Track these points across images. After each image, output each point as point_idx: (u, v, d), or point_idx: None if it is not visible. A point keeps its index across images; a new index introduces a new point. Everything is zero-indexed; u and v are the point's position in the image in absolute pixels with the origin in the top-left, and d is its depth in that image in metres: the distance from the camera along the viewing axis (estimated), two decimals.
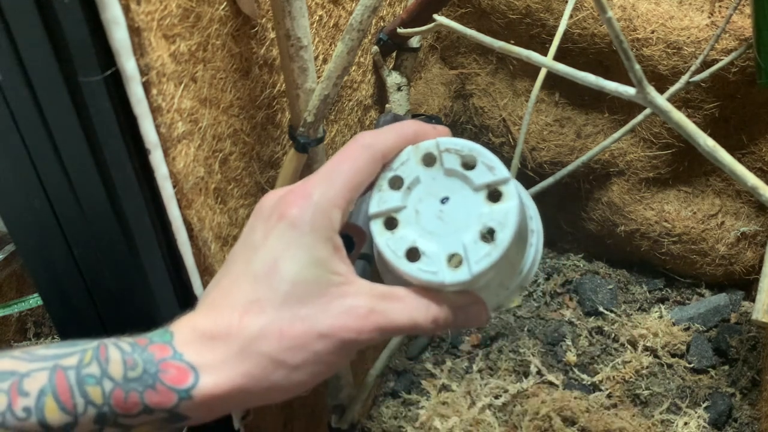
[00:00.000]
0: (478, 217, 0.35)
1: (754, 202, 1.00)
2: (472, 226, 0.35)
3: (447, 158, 0.37)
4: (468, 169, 0.36)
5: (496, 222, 0.35)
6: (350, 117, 0.83)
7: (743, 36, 0.83)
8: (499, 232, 0.35)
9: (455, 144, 0.37)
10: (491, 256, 0.34)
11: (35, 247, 0.51)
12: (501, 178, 0.35)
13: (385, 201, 0.37)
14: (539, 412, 0.89)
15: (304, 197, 0.35)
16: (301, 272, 0.33)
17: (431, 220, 0.36)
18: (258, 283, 0.34)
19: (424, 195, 0.37)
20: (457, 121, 1.10)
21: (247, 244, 0.36)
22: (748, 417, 0.89)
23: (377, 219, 0.37)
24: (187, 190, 0.49)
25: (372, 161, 0.36)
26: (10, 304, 0.92)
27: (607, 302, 1.04)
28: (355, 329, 0.34)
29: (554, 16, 0.92)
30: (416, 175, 0.37)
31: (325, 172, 0.36)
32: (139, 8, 0.40)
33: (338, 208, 0.35)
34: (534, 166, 1.05)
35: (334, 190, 0.35)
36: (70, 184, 0.45)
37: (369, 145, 0.37)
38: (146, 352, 0.32)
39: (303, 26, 0.52)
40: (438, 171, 0.37)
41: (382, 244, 0.37)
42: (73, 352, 0.32)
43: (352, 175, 0.36)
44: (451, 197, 0.36)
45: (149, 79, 0.43)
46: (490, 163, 0.36)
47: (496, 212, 0.35)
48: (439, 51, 1.06)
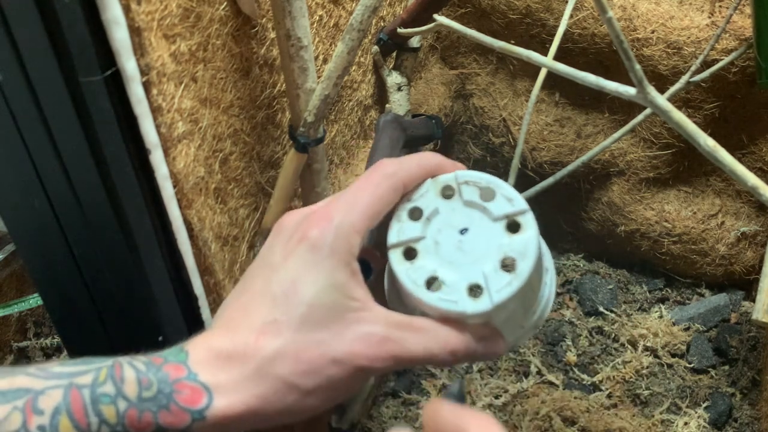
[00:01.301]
0: (498, 247, 0.36)
1: (755, 202, 1.00)
2: (492, 256, 0.36)
3: (466, 190, 0.37)
4: (486, 201, 0.37)
5: (517, 252, 0.35)
6: (350, 117, 0.83)
7: (743, 36, 0.83)
8: (520, 261, 0.35)
9: (474, 176, 0.37)
10: (512, 285, 0.35)
11: (35, 247, 0.51)
12: (520, 209, 0.36)
13: (404, 231, 0.38)
14: (539, 412, 0.89)
15: (326, 220, 0.35)
16: (318, 295, 0.34)
17: (451, 250, 0.37)
18: (276, 304, 0.34)
19: (444, 226, 0.37)
20: (457, 121, 1.10)
21: (266, 263, 0.36)
22: (749, 417, 0.89)
23: (396, 249, 0.37)
24: (187, 190, 0.49)
25: (393, 190, 0.37)
26: (10, 304, 0.92)
27: (607, 302, 1.04)
28: (370, 357, 0.34)
29: (554, 16, 0.92)
30: (435, 206, 0.38)
31: (346, 197, 0.36)
32: (140, 8, 0.40)
33: (358, 233, 0.35)
34: (534, 166, 1.05)
35: (355, 216, 0.35)
36: (70, 184, 0.45)
37: (391, 174, 0.37)
38: (161, 372, 0.32)
39: (303, 26, 0.52)
40: (457, 202, 0.37)
41: (402, 274, 0.37)
42: (87, 370, 0.32)
43: (373, 202, 0.36)
44: (470, 228, 0.37)
45: (149, 79, 0.43)
46: (509, 195, 0.36)
47: (516, 242, 0.35)
48: (439, 51, 1.06)
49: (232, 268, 0.59)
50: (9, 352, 1.03)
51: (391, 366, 0.34)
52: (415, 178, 0.38)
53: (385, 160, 0.38)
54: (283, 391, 0.33)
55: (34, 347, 1.03)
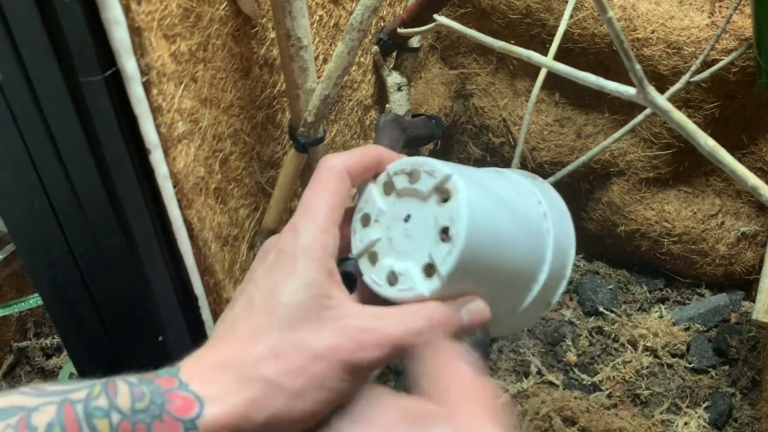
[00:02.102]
0: (434, 220, 0.36)
1: (755, 202, 1.00)
2: (431, 231, 0.36)
3: (397, 180, 0.38)
4: (415, 183, 0.37)
5: (449, 219, 0.35)
6: (350, 117, 0.83)
7: (743, 36, 0.83)
8: (453, 227, 0.35)
9: (400, 165, 0.38)
10: (453, 252, 0.35)
11: (35, 247, 0.51)
12: (442, 178, 0.36)
13: (361, 240, 0.39)
14: (539, 412, 0.89)
15: (292, 230, 0.37)
16: (294, 296, 0.35)
17: (401, 241, 0.38)
18: (257, 312, 0.35)
19: (391, 221, 0.38)
20: (457, 121, 1.10)
21: (249, 280, 0.38)
22: (749, 417, 0.89)
23: (362, 258, 0.39)
24: (187, 190, 0.49)
25: (339, 180, 0.38)
26: (10, 304, 0.92)
27: (608, 302, 1.04)
28: (350, 348, 0.34)
29: (554, 16, 0.92)
30: (379, 207, 0.39)
31: (303, 204, 0.38)
32: (140, 8, 0.40)
33: (326, 232, 0.37)
34: (534, 166, 1.05)
35: (316, 217, 0.37)
36: (70, 184, 0.45)
37: (333, 166, 0.39)
38: (153, 384, 0.33)
39: (303, 26, 0.52)
40: (394, 195, 0.39)
41: (368, 280, 0.39)
42: (81, 387, 0.33)
43: (326, 198, 0.38)
44: (411, 214, 0.38)
45: (149, 78, 0.43)
46: (429, 168, 0.37)
47: (447, 210, 0.36)
48: (440, 51, 1.06)
49: (232, 268, 0.59)
50: (9, 352, 1.03)
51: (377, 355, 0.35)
52: (359, 166, 0.39)
53: (327, 155, 0.40)
54: (270, 393, 0.33)
55: (34, 347, 1.03)
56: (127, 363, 0.57)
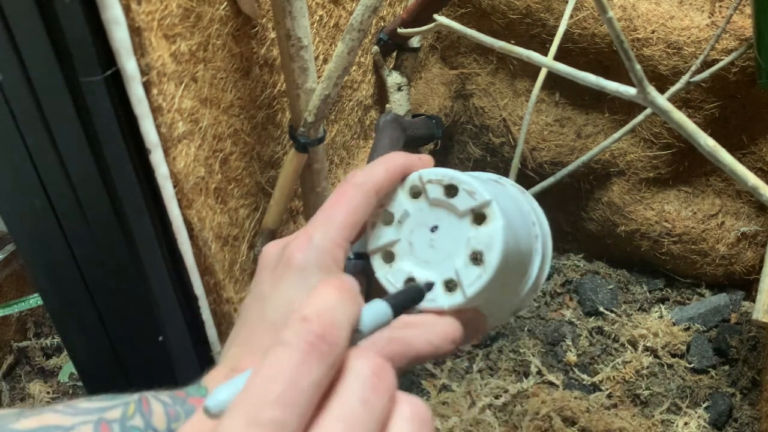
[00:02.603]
0: (467, 241, 0.37)
1: (755, 202, 1.00)
2: (461, 250, 0.37)
3: (431, 189, 0.38)
4: (451, 197, 0.38)
5: (483, 245, 0.36)
6: (350, 117, 0.83)
7: (743, 36, 0.83)
8: (487, 254, 0.36)
9: (436, 174, 0.38)
10: (482, 278, 0.36)
11: (35, 247, 0.51)
12: (482, 202, 0.36)
13: (379, 237, 0.39)
14: (539, 412, 0.89)
15: (306, 241, 0.36)
16: None
17: (424, 249, 0.38)
18: (276, 328, 0.34)
19: (415, 226, 0.39)
20: (457, 121, 1.10)
21: (257, 295, 0.37)
22: (749, 417, 0.89)
23: (375, 255, 0.39)
24: (187, 189, 0.49)
25: (366, 198, 0.38)
26: (10, 304, 0.92)
27: (608, 302, 1.04)
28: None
29: (554, 16, 0.92)
30: (405, 208, 0.39)
31: (322, 215, 0.37)
32: (140, 8, 0.40)
33: (339, 247, 0.36)
34: (534, 166, 1.05)
35: (334, 231, 0.36)
36: (70, 184, 0.45)
37: (361, 184, 0.38)
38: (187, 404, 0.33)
39: (303, 26, 0.52)
40: (424, 202, 0.39)
41: (382, 278, 0.39)
42: (115, 405, 0.32)
43: (349, 214, 0.37)
44: (440, 225, 0.38)
45: (150, 78, 0.43)
46: (471, 189, 0.37)
47: (482, 235, 0.36)
48: (440, 51, 1.06)
49: (232, 268, 0.59)
50: (9, 352, 1.03)
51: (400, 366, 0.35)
52: (386, 183, 0.39)
53: (354, 171, 0.39)
54: None
55: (34, 347, 1.03)
56: (127, 363, 0.57)
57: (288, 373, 0.24)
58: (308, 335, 0.25)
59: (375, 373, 0.28)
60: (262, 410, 0.23)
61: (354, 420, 0.25)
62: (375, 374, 0.28)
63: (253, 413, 0.23)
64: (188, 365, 0.57)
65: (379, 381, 0.28)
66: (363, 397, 0.26)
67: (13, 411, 0.31)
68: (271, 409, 0.23)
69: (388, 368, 0.30)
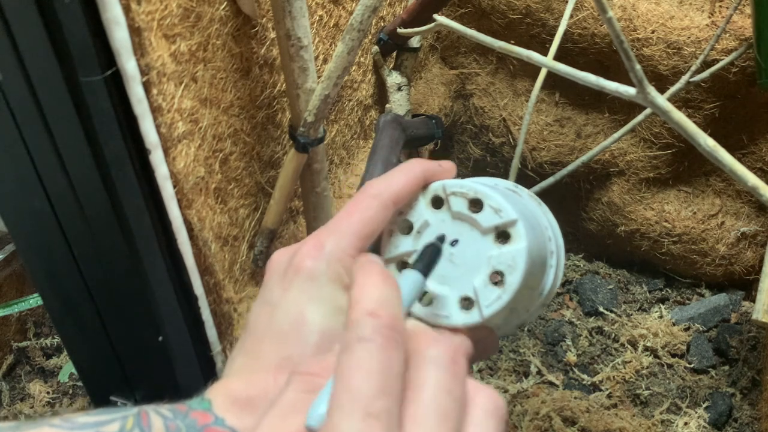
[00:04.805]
0: (488, 260, 0.35)
1: (755, 202, 1.00)
2: (481, 269, 0.35)
3: (454, 201, 0.37)
4: (475, 212, 0.36)
5: (506, 265, 0.34)
6: (350, 117, 0.83)
7: (743, 36, 0.83)
8: (509, 275, 0.34)
9: (461, 187, 0.37)
10: (501, 299, 0.34)
11: (35, 247, 0.51)
12: (508, 221, 0.35)
13: (396, 246, 0.38)
14: (539, 412, 0.89)
15: (318, 249, 0.35)
16: (326, 322, 0.33)
17: (442, 263, 0.36)
18: (285, 339, 0.33)
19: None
20: (457, 121, 1.10)
21: (266, 302, 0.35)
22: (749, 417, 0.89)
23: (390, 264, 0.38)
24: (187, 190, 0.49)
25: (382, 209, 0.36)
26: (10, 304, 0.92)
27: (607, 302, 1.04)
28: None
29: (554, 16, 0.92)
30: (425, 218, 0.37)
31: (336, 223, 0.36)
32: (140, 8, 0.40)
33: (351, 257, 0.35)
34: (534, 166, 1.05)
35: (346, 241, 0.35)
36: (70, 184, 0.45)
37: (378, 194, 0.36)
38: (188, 418, 0.32)
39: (303, 26, 0.52)
40: (446, 214, 0.37)
41: None
42: (113, 419, 0.31)
43: (363, 225, 0.36)
44: (460, 240, 0.36)
45: (150, 78, 0.43)
46: (497, 206, 0.35)
47: (504, 255, 0.35)
48: (439, 51, 1.06)
49: (232, 268, 0.59)
50: (9, 352, 1.03)
51: None
52: (405, 193, 0.37)
53: (372, 180, 0.37)
54: None
55: (34, 347, 1.03)
56: (127, 363, 0.57)
57: (378, 365, 0.26)
58: (382, 329, 0.26)
59: (453, 360, 0.29)
60: (371, 403, 0.25)
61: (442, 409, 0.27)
62: (453, 361, 0.29)
63: (364, 407, 0.25)
64: (188, 365, 0.57)
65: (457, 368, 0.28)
66: (447, 386, 0.28)
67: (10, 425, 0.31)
68: (378, 400, 0.25)
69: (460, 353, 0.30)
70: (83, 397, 0.97)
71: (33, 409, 0.96)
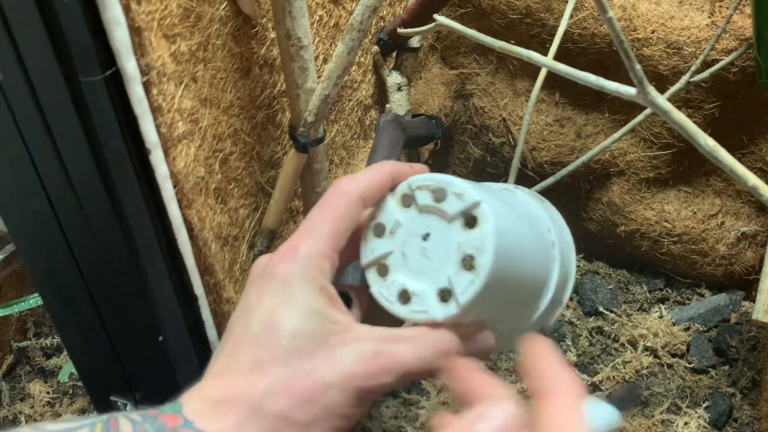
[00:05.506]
0: (458, 246, 0.35)
1: (755, 202, 1.00)
2: (453, 257, 0.35)
3: (420, 196, 0.37)
4: (440, 202, 0.36)
5: (474, 248, 0.34)
6: (350, 117, 0.83)
7: (743, 36, 0.83)
8: (478, 257, 0.34)
9: (425, 180, 0.37)
10: (475, 283, 0.34)
11: (35, 247, 0.51)
12: (471, 203, 0.35)
13: (372, 250, 0.38)
14: None
15: (291, 252, 0.35)
16: (299, 325, 0.33)
17: (417, 259, 0.36)
18: (258, 342, 0.34)
19: (407, 236, 0.37)
20: (457, 121, 1.10)
21: (244, 308, 0.36)
22: (749, 417, 0.89)
23: (370, 269, 0.38)
24: (187, 189, 0.49)
25: (351, 206, 0.37)
26: (10, 304, 0.92)
27: (607, 302, 1.04)
28: (364, 375, 0.33)
29: (554, 16, 0.92)
30: (395, 218, 0.37)
31: (307, 225, 0.36)
32: (140, 8, 0.40)
33: (326, 258, 0.35)
34: (534, 166, 1.05)
35: (319, 242, 0.35)
36: (70, 184, 0.45)
37: (345, 192, 0.37)
38: (157, 422, 0.32)
39: (303, 26, 0.52)
40: (415, 210, 0.37)
41: (376, 293, 0.37)
42: (82, 425, 0.31)
43: (334, 223, 0.36)
44: (431, 233, 0.36)
45: (150, 78, 0.43)
46: (459, 191, 0.35)
47: (472, 238, 0.34)
48: (439, 51, 1.06)
49: (232, 268, 0.59)
50: (9, 352, 1.03)
51: (388, 381, 0.34)
52: (374, 190, 0.38)
53: (341, 178, 0.38)
54: (282, 428, 0.32)
55: (34, 347, 1.03)
56: (127, 363, 0.57)
57: None
58: None
59: None
60: None
61: None
62: None
63: None
64: (188, 365, 0.57)
65: None
66: None
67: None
68: None
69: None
70: (83, 397, 0.96)
71: (33, 408, 0.96)
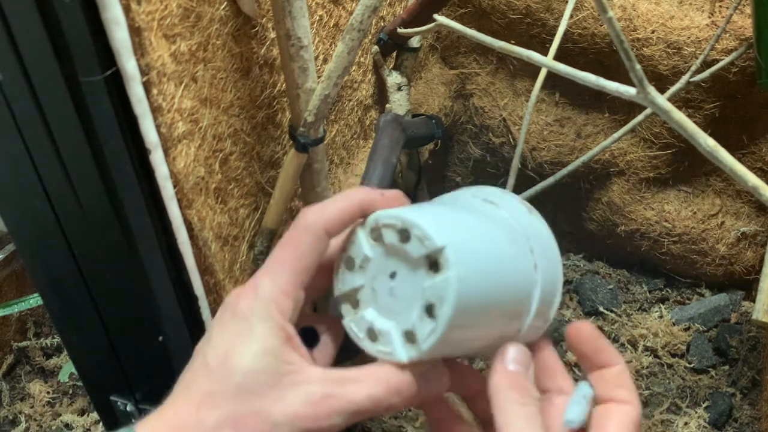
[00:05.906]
0: (422, 291, 0.34)
1: (755, 202, 1.00)
2: (417, 300, 0.34)
3: (386, 233, 0.36)
4: (405, 243, 0.35)
5: (436, 297, 0.33)
6: (350, 117, 0.83)
7: (743, 36, 0.83)
8: (439, 307, 0.33)
9: (390, 218, 0.35)
10: (436, 332, 0.33)
11: (35, 247, 0.51)
12: (434, 249, 0.33)
13: (344, 282, 0.37)
14: None
15: (252, 289, 0.35)
16: (252, 363, 0.34)
17: (385, 297, 0.36)
18: (211, 375, 0.34)
19: (377, 272, 0.36)
20: (457, 121, 1.10)
21: (206, 338, 0.36)
22: (749, 417, 0.89)
23: (342, 301, 0.37)
24: (187, 189, 0.49)
25: (315, 240, 0.36)
26: (10, 304, 0.92)
27: (608, 302, 1.04)
28: (312, 416, 0.33)
29: (554, 15, 0.92)
30: (365, 253, 0.36)
31: (270, 262, 0.36)
32: (140, 8, 0.40)
33: (287, 295, 0.35)
34: (534, 166, 1.05)
35: (281, 279, 0.35)
36: (70, 184, 0.45)
37: (309, 225, 0.36)
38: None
39: (303, 26, 0.52)
40: (382, 247, 0.36)
41: (347, 326, 0.37)
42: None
43: (296, 260, 0.36)
44: (398, 272, 0.35)
45: (150, 78, 0.43)
46: (422, 234, 0.34)
47: (435, 286, 0.33)
48: (439, 51, 1.06)
49: (232, 268, 0.59)
50: (9, 352, 1.03)
51: (338, 422, 0.34)
52: (342, 220, 0.37)
53: (306, 209, 0.37)
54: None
55: (34, 347, 1.03)
56: (127, 363, 0.57)
57: None
58: None
59: None
60: None
61: None
62: None
63: None
64: None
65: None
66: None
67: None
68: None
69: None
70: (83, 397, 0.97)
71: (33, 408, 0.96)
